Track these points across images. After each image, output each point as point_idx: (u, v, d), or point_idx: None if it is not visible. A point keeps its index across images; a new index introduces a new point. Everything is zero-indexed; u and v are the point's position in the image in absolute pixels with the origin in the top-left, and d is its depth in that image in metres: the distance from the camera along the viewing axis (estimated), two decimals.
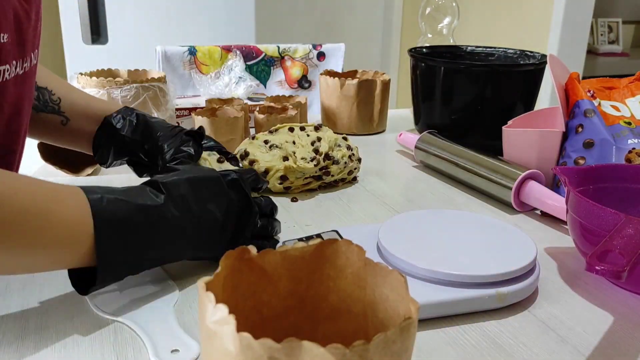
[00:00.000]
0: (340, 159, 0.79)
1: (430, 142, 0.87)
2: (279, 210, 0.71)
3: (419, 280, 0.50)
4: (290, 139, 0.80)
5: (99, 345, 0.45)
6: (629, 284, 0.54)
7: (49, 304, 0.50)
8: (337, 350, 0.26)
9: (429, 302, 0.48)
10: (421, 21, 1.24)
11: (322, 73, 1.08)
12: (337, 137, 0.81)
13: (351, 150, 0.81)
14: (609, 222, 0.51)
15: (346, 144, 0.82)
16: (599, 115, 0.74)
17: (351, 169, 0.80)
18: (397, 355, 0.28)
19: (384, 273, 0.35)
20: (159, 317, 0.48)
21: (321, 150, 0.78)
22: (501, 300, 0.50)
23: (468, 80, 0.92)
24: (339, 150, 0.80)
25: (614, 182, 0.62)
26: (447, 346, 0.46)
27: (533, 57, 0.98)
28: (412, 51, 1.02)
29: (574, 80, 0.78)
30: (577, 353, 0.45)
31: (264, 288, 0.37)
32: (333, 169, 0.78)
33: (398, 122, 1.14)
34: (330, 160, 0.77)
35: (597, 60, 2.98)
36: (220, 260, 0.33)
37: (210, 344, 0.29)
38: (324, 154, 0.77)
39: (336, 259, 0.37)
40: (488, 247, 0.54)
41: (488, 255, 0.53)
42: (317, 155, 0.77)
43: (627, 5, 3.30)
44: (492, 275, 0.49)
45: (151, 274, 0.55)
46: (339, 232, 0.60)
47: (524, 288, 0.50)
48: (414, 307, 0.30)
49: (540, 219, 0.71)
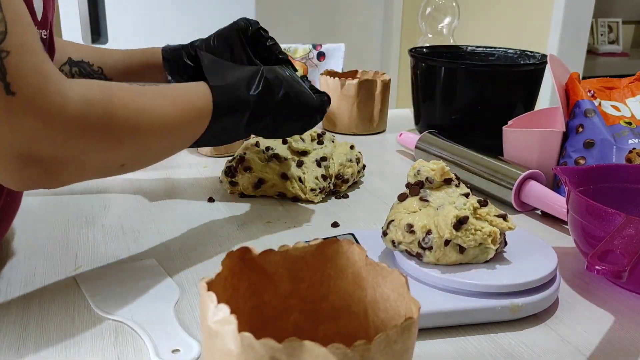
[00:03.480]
0: (350, 177, 0.77)
1: (431, 142, 0.87)
2: (279, 210, 0.72)
3: (431, 288, 0.49)
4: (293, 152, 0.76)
5: (100, 345, 0.45)
6: (630, 284, 0.54)
7: (50, 304, 0.50)
8: (338, 350, 0.26)
9: (440, 310, 0.47)
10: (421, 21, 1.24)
11: (322, 73, 1.08)
12: (347, 153, 0.78)
13: (359, 161, 0.79)
14: (609, 222, 0.51)
15: (355, 156, 0.79)
16: (599, 115, 0.74)
17: (358, 179, 0.80)
18: (398, 355, 0.28)
19: (384, 273, 0.35)
20: (160, 317, 0.48)
21: (331, 172, 0.75)
22: (515, 312, 0.48)
23: (468, 80, 0.92)
24: (350, 166, 0.77)
25: (615, 182, 0.62)
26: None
27: (533, 57, 0.98)
28: (412, 51, 1.02)
29: (574, 80, 0.78)
30: (577, 353, 0.45)
31: (265, 288, 0.37)
32: (343, 187, 0.77)
33: (398, 122, 1.14)
34: (340, 180, 0.76)
35: (597, 60, 2.97)
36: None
37: (212, 343, 0.29)
38: (334, 176, 0.75)
39: (337, 259, 0.37)
40: (506, 256, 0.53)
41: (504, 265, 0.51)
42: (326, 180, 0.74)
43: (627, 5, 3.30)
44: (506, 285, 0.48)
45: (152, 273, 0.55)
46: (354, 235, 0.60)
47: (540, 300, 0.49)
48: (415, 307, 0.30)
49: (540, 219, 0.71)
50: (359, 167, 0.79)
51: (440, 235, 0.50)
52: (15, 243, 0.61)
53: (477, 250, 0.51)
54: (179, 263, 0.58)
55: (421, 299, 0.34)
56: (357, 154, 0.80)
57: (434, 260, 0.50)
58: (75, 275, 0.55)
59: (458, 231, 0.50)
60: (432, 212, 0.52)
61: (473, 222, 0.51)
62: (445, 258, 0.50)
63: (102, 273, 0.56)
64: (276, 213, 0.71)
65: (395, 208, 0.55)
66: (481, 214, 0.52)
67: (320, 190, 0.73)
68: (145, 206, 0.72)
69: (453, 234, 0.49)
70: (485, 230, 0.50)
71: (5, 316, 0.48)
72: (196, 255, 0.60)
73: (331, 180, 0.75)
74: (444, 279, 0.49)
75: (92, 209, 0.71)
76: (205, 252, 0.60)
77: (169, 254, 0.60)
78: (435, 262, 0.51)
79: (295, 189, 0.73)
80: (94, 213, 0.70)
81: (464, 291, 0.48)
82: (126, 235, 0.64)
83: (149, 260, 0.58)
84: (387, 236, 0.53)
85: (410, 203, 0.54)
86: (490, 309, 0.48)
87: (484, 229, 0.50)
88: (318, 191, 0.73)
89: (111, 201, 0.74)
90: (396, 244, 0.53)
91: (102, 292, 0.52)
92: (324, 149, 0.77)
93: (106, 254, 0.59)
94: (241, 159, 0.74)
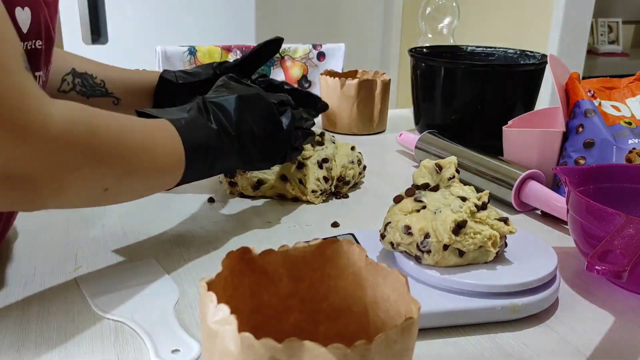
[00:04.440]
0: (351, 179, 0.77)
1: (431, 142, 0.87)
2: (279, 210, 0.71)
3: (430, 288, 0.49)
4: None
5: (99, 345, 0.45)
6: (630, 284, 0.54)
7: (50, 304, 0.50)
8: (338, 350, 0.26)
9: (440, 310, 0.47)
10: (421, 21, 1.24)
11: (322, 73, 1.08)
12: (349, 154, 0.77)
13: (360, 163, 0.79)
14: (609, 222, 0.51)
15: (357, 157, 0.78)
16: (599, 115, 0.74)
17: (358, 180, 0.79)
18: (398, 355, 0.28)
19: (384, 273, 0.35)
20: (160, 317, 0.48)
21: (333, 174, 0.74)
22: (515, 312, 0.48)
23: (468, 80, 0.92)
24: (352, 168, 0.77)
25: (615, 182, 0.62)
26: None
27: (533, 57, 0.98)
28: (412, 51, 1.02)
29: (574, 80, 0.78)
30: (577, 353, 0.45)
31: (265, 288, 0.37)
32: (344, 189, 0.77)
33: (398, 122, 1.14)
34: (341, 182, 0.76)
35: (597, 60, 2.97)
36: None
37: (212, 344, 0.29)
38: (335, 178, 0.75)
39: (337, 259, 0.37)
40: (506, 256, 0.53)
41: (504, 265, 0.51)
42: (327, 182, 0.73)
43: (627, 5, 3.30)
44: (505, 285, 0.48)
45: (152, 273, 0.55)
46: (354, 235, 0.59)
47: (540, 300, 0.49)
48: (415, 307, 0.30)
49: (540, 219, 0.71)
50: (360, 168, 0.79)
51: (439, 240, 0.50)
52: (15, 243, 0.61)
53: (477, 253, 0.51)
54: (179, 263, 0.58)
55: (421, 299, 0.34)
56: (358, 154, 0.79)
57: (432, 263, 0.50)
58: (75, 276, 0.55)
59: (457, 236, 0.50)
60: (429, 215, 0.52)
61: (472, 226, 0.51)
62: (445, 261, 0.50)
63: (102, 273, 0.56)
64: (276, 213, 0.71)
65: (391, 210, 0.55)
66: (481, 217, 0.52)
67: (322, 192, 0.73)
68: (145, 206, 0.72)
69: (452, 238, 0.49)
70: (485, 234, 0.50)
71: (5, 316, 0.48)
72: (196, 255, 0.60)
73: (332, 182, 0.75)
74: (444, 279, 0.49)
75: (92, 209, 0.71)
76: (205, 252, 0.60)
77: (169, 254, 0.60)
78: (434, 264, 0.51)
79: (295, 191, 0.73)
80: (94, 213, 0.70)
81: (463, 291, 0.48)
82: (126, 235, 0.64)
83: (148, 260, 0.58)
84: (386, 238, 0.53)
85: (405, 205, 0.54)
86: (490, 309, 0.48)
87: (483, 232, 0.50)
88: (319, 193, 0.73)
89: None
90: (395, 246, 0.53)
91: (102, 292, 0.52)
92: (326, 150, 0.76)
93: (106, 254, 0.59)
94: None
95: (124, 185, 0.50)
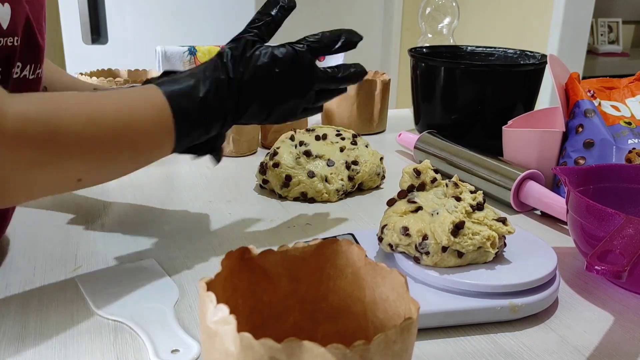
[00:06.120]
0: (367, 189, 0.78)
1: (430, 142, 0.87)
2: (279, 210, 0.72)
3: (430, 288, 0.49)
4: (326, 150, 0.76)
5: (99, 345, 0.45)
6: (629, 284, 0.54)
7: (49, 304, 0.50)
8: (337, 350, 0.26)
9: (439, 310, 0.47)
10: (421, 21, 1.24)
11: None
12: (377, 165, 0.78)
13: (384, 178, 0.80)
14: (609, 222, 0.51)
15: (382, 170, 0.80)
16: (599, 115, 0.74)
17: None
18: (397, 355, 0.28)
19: (383, 273, 0.35)
20: (159, 317, 0.48)
21: (357, 179, 0.76)
22: (515, 312, 0.48)
23: (468, 80, 0.92)
24: (373, 180, 0.78)
25: (614, 182, 0.62)
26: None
27: (533, 57, 0.98)
28: (412, 51, 1.02)
29: (574, 80, 0.78)
30: (577, 353, 0.45)
31: (264, 288, 0.37)
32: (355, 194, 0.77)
33: (398, 122, 1.14)
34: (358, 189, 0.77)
35: (597, 60, 2.97)
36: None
37: (211, 343, 0.29)
38: (357, 183, 0.76)
39: (336, 259, 0.37)
40: (505, 256, 0.52)
41: (503, 265, 0.51)
42: (351, 181, 0.75)
43: (627, 5, 3.30)
44: (505, 285, 0.48)
45: (151, 274, 0.55)
46: (354, 235, 0.59)
47: (539, 300, 0.49)
48: (414, 307, 0.30)
49: (540, 219, 0.71)
50: (379, 180, 0.80)
51: (438, 242, 0.50)
52: (15, 243, 0.61)
53: (476, 254, 0.51)
54: (179, 263, 0.58)
55: (420, 299, 0.34)
56: (384, 168, 0.81)
57: (431, 264, 0.50)
58: (74, 275, 0.55)
59: (455, 237, 0.50)
60: (427, 217, 0.52)
61: (470, 227, 0.51)
62: (444, 262, 0.50)
63: (101, 273, 0.56)
64: (276, 213, 0.71)
65: (386, 213, 0.55)
66: (479, 218, 0.52)
67: (344, 193, 0.75)
68: (145, 206, 0.72)
69: (451, 240, 0.49)
70: (483, 234, 0.50)
71: (5, 316, 0.48)
72: (196, 255, 0.60)
73: (355, 185, 0.76)
74: (443, 279, 0.49)
75: (92, 209, 0.71)
76: (205, 252, 0.60)
77: (168, 254, 0.60)
78: (433, 265, 0.51)
79: (318, 189, 0.73)
80: (94, 213, 0.70)
81: (463, 291, 0.48)
82: (126, 235, 0.64)
83: (148, 260, 0.58)
84: (384, 240, 0.53)
85: (399, 207, 0.54)
86: (490, 309, 0.47)
87: (482, 232, 0.50)
88: (342, 193, 0.74)
89: (111, 201, 0.74)
90: (394, 247, 0.53)
91: (102, 292, 0.52)
92: (356, 151, 0.77)
93: (106, 253, 0.59)
94: (274, 153, 0.76)
95: (100, 172, 0.48)
